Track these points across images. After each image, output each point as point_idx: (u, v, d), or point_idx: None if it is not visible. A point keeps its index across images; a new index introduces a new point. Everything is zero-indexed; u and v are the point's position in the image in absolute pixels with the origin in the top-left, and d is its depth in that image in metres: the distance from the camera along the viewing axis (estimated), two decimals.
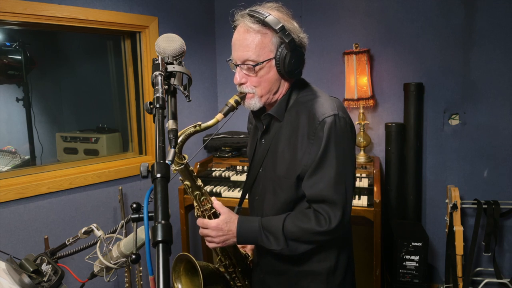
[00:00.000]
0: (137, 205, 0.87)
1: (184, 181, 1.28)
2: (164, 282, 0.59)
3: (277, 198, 1.29)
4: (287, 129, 1.26)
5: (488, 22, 2.60)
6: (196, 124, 1.20)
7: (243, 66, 1.21)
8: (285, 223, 1.21)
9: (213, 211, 1.30)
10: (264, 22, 1.15)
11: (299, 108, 1.26)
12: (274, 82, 1.24)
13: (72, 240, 1.16)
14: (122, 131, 3.00)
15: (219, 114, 1.21)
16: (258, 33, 1.17)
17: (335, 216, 1.17)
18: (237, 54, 1.21)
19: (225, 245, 1.28)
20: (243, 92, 1.25)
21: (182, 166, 1.24)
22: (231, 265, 1.42)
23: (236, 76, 1.24)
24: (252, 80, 1.22)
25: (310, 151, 1.20)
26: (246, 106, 1.27)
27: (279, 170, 1.27)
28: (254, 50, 1.17)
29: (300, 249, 1.22)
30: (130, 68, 2.80)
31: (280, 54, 1.18)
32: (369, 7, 2.84)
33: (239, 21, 1.21)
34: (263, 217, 1.29)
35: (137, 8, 2.60)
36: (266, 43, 1.18)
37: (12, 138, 3.15)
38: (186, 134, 1.20)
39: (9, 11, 2.03)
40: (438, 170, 2.82)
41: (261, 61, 1.18)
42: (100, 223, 2.44)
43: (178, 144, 1.19)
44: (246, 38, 1.18)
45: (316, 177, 1.19)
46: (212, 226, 1.26)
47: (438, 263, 2.88)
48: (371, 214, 2.27)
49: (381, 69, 2.87)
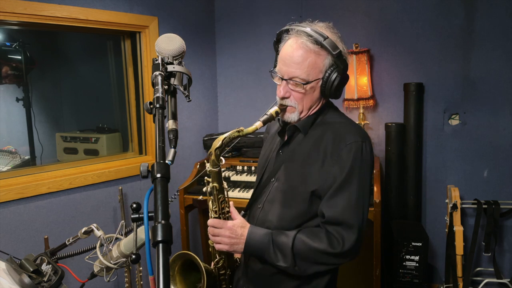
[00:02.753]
0: (137, 205, 0.87)
1: (213, 183, 1.29)
2: (164, 282, 0.59)
3: (288, 211, 1.28)
4: (309, 144, 1.28)
5: (488, 22, 2.60)
6: (239, 129, 1.22)
7: (290, 81, 1.22)
8: (295, 241, 1.20)
9: (228, 215, 1.32)
10: (322, 44, 1.17)
11: (325, 127, 1.28)
12: (316, 100, 1.26)
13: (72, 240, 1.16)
14: (122, 131, 3.00)
15: (259, 123, 1.22)
16: (313, 53, 1.18)
17: (349, 239, 1.17)
18: (287, 69, 1.21)
19: (231, 250, 1.27)
20: (286, 105, 1.26)
21: (218, 167, 1.25)
22: (223, 268, 1.41)
23: (280, 90, 1.24)
24: (296, 95, 1.24)
25: (330, 170, 1.21)
26: (285, 119, 1.29)
27: (294, 183, 1.27)
28: (306, 69, 1.19)
29: (309, 270, 1.21)
30: (130, 68, 2.80)
31: (329, 76, 1.20)
32: (369, 7, 2.85)
33: (293, 36, 1.21)
34: (264, 227, 1.28)
35: (137, 8, 2.60)
36: (318, 64, 1.19)
37: (12, 138, 3.15)
38: (230, 137, 1.22)
39: (9, 11, 2.03)
40: (438, 170, 2.82)
41: (310, 80, 1.20)
42: (100, 223, 2.44)
43: (221, 146, 1.22)
44: (301, 55, 1.19)
45: (337, 198, 1.19)
46: (228, 226, 1.26)
47: (438, 263, 2.88)
48: (371, 214, 2.27)
49: (381, 69, 2.87)
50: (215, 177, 1.28)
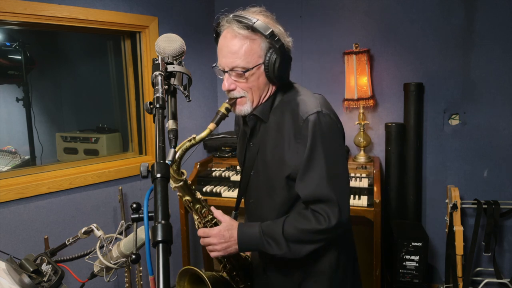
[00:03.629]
0: (137, 205, 0.87)
1: (184, 197, 1.26)
2: (164, 282, 0.59)
3: (272, 200, 1.29)
4: (273, 130, 1.26)
5: (488, 22, 2.60)
6: (191, 137, 1.18)
7: (232, 72, 1.20)
8: (284, 227, 1.20)
9: (214, 221, 1.30)
10: (253, 28, 1.14)
11: (283, 108, 1.26)
12: (264, 86, 1.24)
13: (72, 240, 1.16)
14: (122, 131, 3.00)
15: (212, 124, 1.19)
16: (247, 39, 1.16)
17: (334, 213, 1.16)
18: (225, 60, 1.19)
19: (226, 253, 1.26)
20: (234, 97, 1.23)
21: (182, 182, 1.22)
22: (233, 269, 1.42)
23: (225, 83, 1.22)
24: (242, 85, 1.21)
25: (297, 150, 1.19)
26: (237, 113, 1.26)
27: (269, 172, 1.27)
28: (243, 57, 1.16)
29: (303, 251, 1.21)
30: (130, 68, 2.79)
31: (269, 59, 1.18)
32: (369, 7, 2.84)
33: (225, 26, 1.19)
34: (261, 220, 1.28)
35: (137, 8, 2.60)
36: (255, 49, 1.17)
37: (12, 138, 3.15)
38: (182, 149, 1.19)
39: (9, 11, 2.03)
40: (438, 170, 2.82)
41: (250, 67, 1.17)
42: (100, 223, 2.44)
43: (175, 160, 1.19)
44: (235, 44, 1.16)
45: (307, 177, 1.18)
46: (213, 233, 1.25)
47: (438, 263, 2.88)
48: (371, 214, 2.27)
49: (381, 69, 2.87)
50: (183, 191, 1.25)
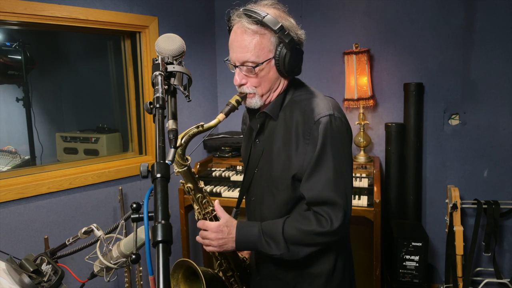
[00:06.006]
0: (137, 205, 0.87)
1: (187, 184, 1.26)
2: (164, 282, 0.59)
3: (274, 199, 1.27)
4: (282, 129, 1.25)
5: (488, 22, 2.60)
6: (199, 124, 1.18)
7: (243, 67, 1.20)
8: (285, 227, 1.19)
9: (214, 214, 1.29)
10: (262, 23, 1.14)
11: (293, 107, 1.25)
12: (274, 81, 1.23)
13: (72, 240, 1.16)
14: (122, 131, 3.00)
15: (221, 114, 1.19)
16: (257, 34, 1.15)
17: (337, 217, 1.15)
18: (236, 55, 1.19)
19: (222, 250, 1.25)
20: (244, 92, 1.24)
21: (185, 168, 1.22)
22: (229, 270, 1.40)
23: (236, 78, 1.23)
24: (252, 80, 1.21)
25: (305, 151, 1.19)
26: (248, 105, 1.26)
27: (274, 171, 1.26)
28: (253, 51, 1.16)
29: (302, 253, 1.20)
30: (130, 68, 2.79)
31: (280, 53, 1.17)
32: (369, 7, 2.84)
33: (236, 21, 1.19)
34: (261, 218, 1.27)
35: (137, 8, 2.60)
36: (265, 44, 1.17)
37: (12, 138, 3.15)
38: (189, 134, 1.18)
39: (9, 11, 2.03)
40: (438, 170, 2.82)
41: (261, 62, 1.17)
42: (100, 223, 2.43)
43: (182, 145, 1.18)
44: (244, 39, 1.16)
45: (314, 179, 1.17)
46: (212, 227, 1.24)
47: (438, 263, 2.88)
48: (371, 214, 2.26)
49: (381, 69, 2.87)
50: (186, 177, 1.25)
